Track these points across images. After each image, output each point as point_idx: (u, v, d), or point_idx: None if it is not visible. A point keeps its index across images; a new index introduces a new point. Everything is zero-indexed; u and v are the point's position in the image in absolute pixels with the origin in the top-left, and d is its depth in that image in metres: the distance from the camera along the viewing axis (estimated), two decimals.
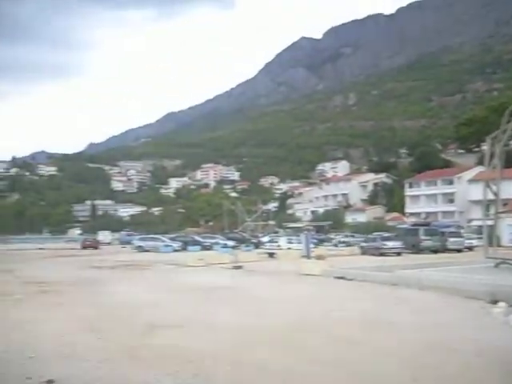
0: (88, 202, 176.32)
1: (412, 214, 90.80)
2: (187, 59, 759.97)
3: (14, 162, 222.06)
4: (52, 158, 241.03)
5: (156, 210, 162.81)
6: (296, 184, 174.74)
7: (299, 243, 43.75)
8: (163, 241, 54.88)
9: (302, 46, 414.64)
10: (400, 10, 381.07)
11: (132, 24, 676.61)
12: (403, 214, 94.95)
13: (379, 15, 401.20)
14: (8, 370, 7.54)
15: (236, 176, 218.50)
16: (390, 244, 42.10)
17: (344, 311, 12.75)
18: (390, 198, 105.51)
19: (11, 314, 12.50)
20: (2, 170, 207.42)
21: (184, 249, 49.59)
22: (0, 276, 23.70)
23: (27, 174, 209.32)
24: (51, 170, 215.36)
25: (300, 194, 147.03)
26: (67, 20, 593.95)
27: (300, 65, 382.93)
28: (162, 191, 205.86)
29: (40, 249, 57.39)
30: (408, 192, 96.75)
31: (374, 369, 7.53)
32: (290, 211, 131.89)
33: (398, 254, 40.18)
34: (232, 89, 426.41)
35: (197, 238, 60.43)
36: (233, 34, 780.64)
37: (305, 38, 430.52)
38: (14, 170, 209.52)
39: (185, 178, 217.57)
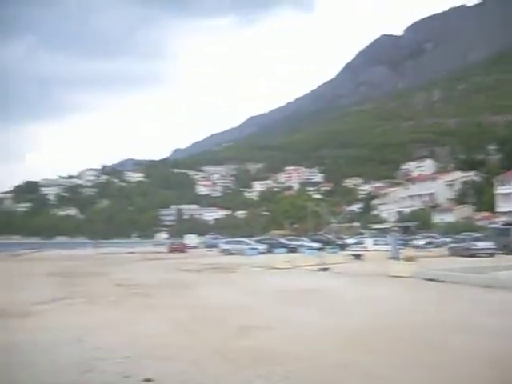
0: (174, 207, 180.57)
1: (503, 213, 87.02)
2: (268, 63, 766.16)
3: (104, 169, 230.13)
4: (139, 164, 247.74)
5: (240, 214, 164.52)
6: (380, 184, 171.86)
7: (386, 244, 42.99)
8: (248, 244, 55.20)
9: (383, 43, 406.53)
10: (484, 0, 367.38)
11: (213, 31, 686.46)
12: (493, 213, 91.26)
13: (461, 7, 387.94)
14: (107, 368, 7.82)
15: (319, 178, 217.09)
16: (481, 245, 40.34)
17: (438, 314, 12.41)
18: (479, 196, 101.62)
19: (107, 315, 12.97)
20: (93, 178, 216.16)
21: (269, 251, 49.72)
22: (94, 279, 24.61)
23: (116, 180, 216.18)
24: (138, 176, 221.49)
25: (385, 194, 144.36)
26: (150, 30, 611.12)
27: (380, 63, 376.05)
28: (246, 194, 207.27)
29: (129, 253, 59.12)
30: (499, 190, 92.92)
31: (463, 372, 7.35)
32: (374, 212, 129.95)
33: (490, 254, 38.36)
34: (313, 90, 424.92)
35: (282, 240, 60.41)
36: (313, 36, 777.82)
37: (385, 35, 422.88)
38: (103, 178, 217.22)
39: (268, 181, 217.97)
